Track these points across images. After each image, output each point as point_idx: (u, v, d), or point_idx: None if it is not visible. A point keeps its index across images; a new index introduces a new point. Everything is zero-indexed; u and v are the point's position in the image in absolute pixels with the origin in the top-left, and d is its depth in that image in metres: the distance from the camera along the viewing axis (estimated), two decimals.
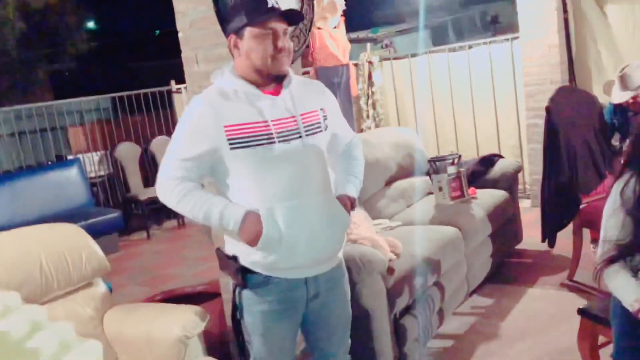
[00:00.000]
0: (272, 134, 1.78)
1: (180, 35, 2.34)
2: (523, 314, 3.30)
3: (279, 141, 1.79)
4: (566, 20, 5.01)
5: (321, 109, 1.93)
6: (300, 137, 1.83)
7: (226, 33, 1.89)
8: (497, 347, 2.96)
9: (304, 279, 1.89)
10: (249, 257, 1.84)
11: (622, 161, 2.12)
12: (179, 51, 2.42)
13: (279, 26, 1.79)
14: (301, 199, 1.81)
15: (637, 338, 1.94)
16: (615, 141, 3.80)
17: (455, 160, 3.91)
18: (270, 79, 1.83)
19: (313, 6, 2.46)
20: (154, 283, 4.73)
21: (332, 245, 1.91)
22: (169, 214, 6.81)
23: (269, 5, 1.78)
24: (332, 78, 4.99)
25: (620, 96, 3.59)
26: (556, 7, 4.96)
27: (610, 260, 2.04)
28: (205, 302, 2.89)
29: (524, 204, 4.83)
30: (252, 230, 1.77)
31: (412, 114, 6.39)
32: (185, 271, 4.95)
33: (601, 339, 2.32)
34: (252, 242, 1.78)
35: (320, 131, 1.91)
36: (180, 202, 1.81)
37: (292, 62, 2.23)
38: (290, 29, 1.89)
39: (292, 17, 1.86)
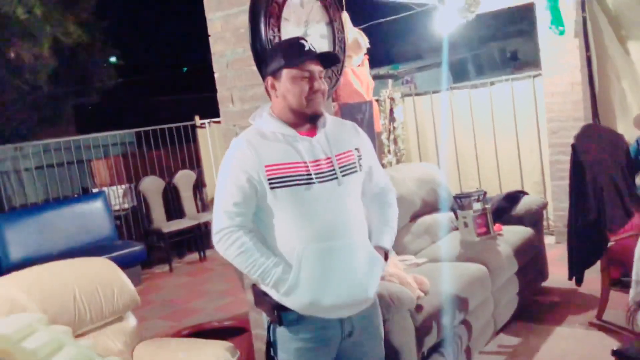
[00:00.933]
0: (310, 174, 1.82)
1: (216, 75, 2.40)
2: (551, 354, 3.25)
3: (318, 182, 1.82)
4: (589, 58, 5.04)
5: (356, 149, 1.96)
6: (336, 177, 1.86)
7: (263, 75, 1.95)
8: None
9: (338, 318, 1.90)
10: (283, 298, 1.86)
11: None
12: (203, 87, 2.47)
13: (315, 68, 1.85)
14: (338, 240, 1.84)
15: None
16: None
17: (481, 197, 3.91)
18: (306, 119, 1.88)
19: (345, 48, 2.52)
20: (176, 316, 4.74)
21: (367, 288, 1.91)
22: (191, 247, 6.86)
23: (306, 48, 1.84)
24: (356, 114, 5.05)
25: None
26: (578, 45, 5.00)
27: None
28: (233, 337, 2.89)
29: (548, 241, 4.79)
30: None
31: (433, 149, 6.41)
32: (207, 304, 4.96)
33: None
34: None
35: (356, 171, 1.93)
36: (238, 257, 1.85)
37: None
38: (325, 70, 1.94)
39: (327, 60, 1.91)
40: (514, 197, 4.27)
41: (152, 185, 6.83)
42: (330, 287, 1.82)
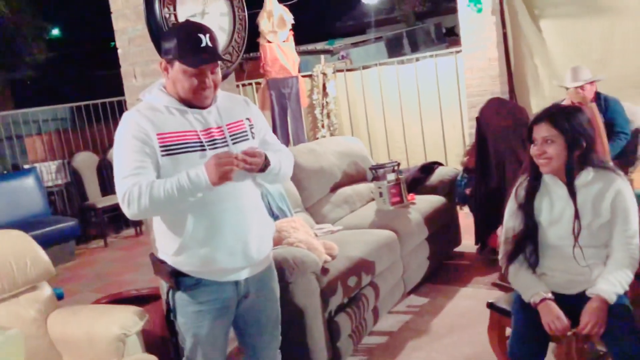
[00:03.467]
0: (202, 142, 1.91)
1: (119, 51, 2.49)
2: (454, 311, 3.52)
3: (209, 149, 1.93)
4: (505, 35, 5.30)
5: (247, 119, 2.07)
6: (227, 144, 1.97)
7: (159, 53, 2.02)
8: (425, 342, 3.17)
9: (233, 281, 2.03)
10: (177, 259, 1.98)
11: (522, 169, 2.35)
12: None
13: (208, 66, 1.89)
14: (229, 202, 1.95)
15: (528, 327, 2.16)
16: None
17: (395, 168, 4.12)
18: (193, 106, 1.95)
19: (245, 26, 2.62)
20: (108, 289, 4.81)
21: (259, 249, 2.04)
22: (128, 222, 6.89)
23: (202, 44, 1.85)
24: (283, 89, 5.19)
25: (570, 84, 3.98)
26: (495, 22, 5.25)
27: (510, 257, 2.27)
28: (149, 304, 3.02)
29: (465, 209, 5.07)
30: (213, 167, 1.79)
31: (364, 123, 6.61)
32: (140, 277, 5.04)
33: (508, 330, 2.53)
34: (226, 175, 1.81)
35: (247, 139, 2.04)
36: (150, 194, 1.80)
37: (225, 78, 2.39)
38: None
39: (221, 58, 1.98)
40: (428, 168, 4.51)
41: (86, 161, 6.81)
42: (222, 247, 1.94)
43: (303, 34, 5.66)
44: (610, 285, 2.08)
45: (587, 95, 3.93)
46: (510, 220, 2.28)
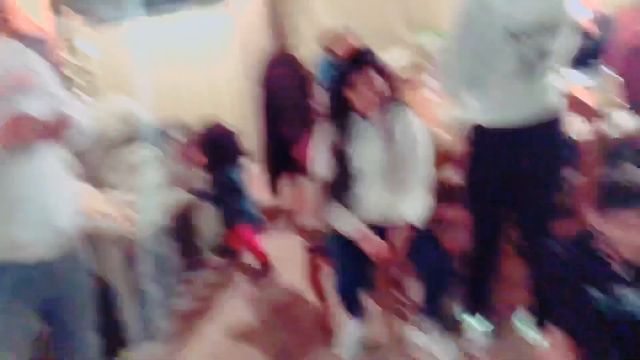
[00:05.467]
0: None
1: None
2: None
3: None
4: None
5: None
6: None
7: None
8: (233, 295, 3.20)
9: (34, 262, 1.77)
10: None
11: (323, 110, 2.44)
12: None
13: None
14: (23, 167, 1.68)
15: (350, 259, 2.31)
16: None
17: (180, 129, 3.97)
18: None
19: None
20: None
21: (63, 220, 1.82)
22: None
23: None
24: (30, 46, 4.55)
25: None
26: None
27: (326, 196, 2.37)
28: None
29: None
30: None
31: (128, 82, 6.17)
32: None
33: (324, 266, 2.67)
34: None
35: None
36: None
37: None
38: None
39: None
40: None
41: None
42: (18, 220, 1.69)
43: None
44: (413, 210, 2.32)
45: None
46: (322, 168, 2.37)
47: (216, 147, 3.51)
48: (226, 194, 3.40)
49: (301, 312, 2.91)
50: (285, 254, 3.54)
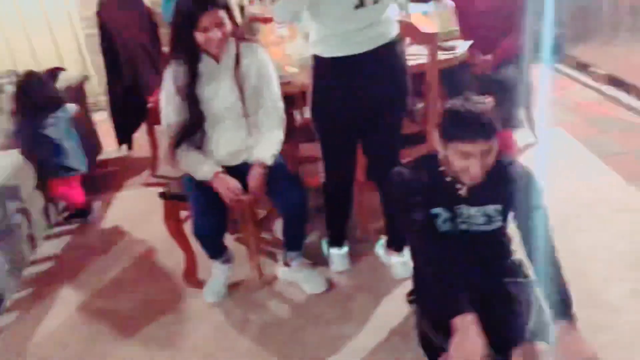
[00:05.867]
0: None
1: None
2: (116, 216, 3.43)
3: None
4: None
5: None
6: None
7: None
8: (100, 260, 3.05)
9: None
10: None
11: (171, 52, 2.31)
12: None
13: None
14: None
15: (208, 203, 2.26)
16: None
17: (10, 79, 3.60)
18: None
19: None
20: None
21: None
22: None
23: None
24: None
25: None
26: None
27: (177, 144, 2.28)
28: None
29: (101, 116, 4.82)
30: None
31: None
32: None
33: (184, 214, 2.61)
34: None
35: None
36: None
37: None
38: None
39: None
40: (52, 75, 4.06)
41: None
42: None
43: None
44: (267, 149, 2.30)
45: None
46: (172, 113, 2.26)
47: (24, 96, 3.21)
48: (35, 146, 3.15)
49: (166, 263, 2.84)
50: (146, 206, 3.42)
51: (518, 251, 1.86)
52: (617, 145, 3.50)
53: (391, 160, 2.38)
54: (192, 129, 2.27)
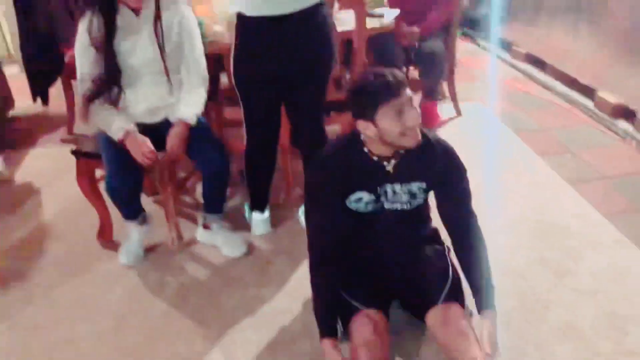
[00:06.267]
0: None
1: None
2: (28, 174, 3.26)
3: None
4: None
5: None
6: None
7: None
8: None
9: None
10: None
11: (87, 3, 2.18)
12: None
13: None
14: None
15: (122, 162, 2.18)
16: None
17: None
18: None
19: None
20: None
21: None
22: None
23: None
24: None
25: None
26: None
27: (90, 98, 2.18)
28: None
29: (11, 70, 4.53)
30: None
31: None
32: None
33: (99, 173, 2.51)
34: None
35: None
36: None
37: None
38: None
39: None
40: None
41: None
42: None
43: None
44: (189, 108, 2.24)
45: None
46: (85, 60, 2.15)
47: None
48: None
49: (80, 223, 2.73)
50: (60, 164, 3.26)
51: (434, 219, 1.92)
52: (533, 122, 3.65)
53: (315, 126, 2.37)
54: (107, 84, 2.17)
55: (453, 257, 1.85)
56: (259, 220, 2.61)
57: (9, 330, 2.13)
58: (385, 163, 1.73)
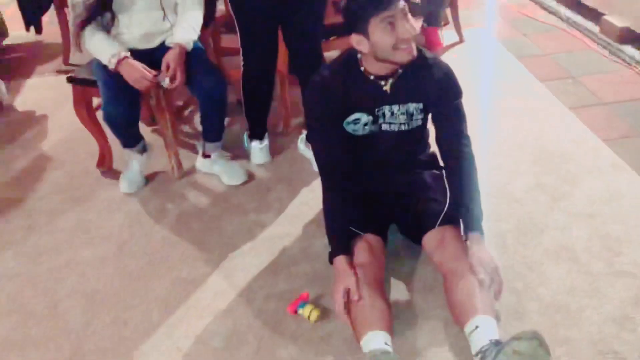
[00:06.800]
0: None
1: None
2: (26, 104, 3.24)
3: None
4: None
5: None
6: None
7: None
8: None
9: None
10: None
11: None
12: None
13: None
14: None
15: (118, 88, 2.15)
16: None
17: None
18: None
19: None
20: None
21: None
22: None
23: None
24: None
25: None
26: None
27: (83, 24, 2.13)
28: None
29: None
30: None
31: None
32: None
33: (95, 101, 2.50)
34: None
35: None
36: None
37: None
38: None
39: None
40: None
41: None
42: None
43: None
44: (186, 32, 2.19)
45: None
46: None
47: None
48: None
49: (79, 152, 2.74)
50: (58, 94, 3.23)
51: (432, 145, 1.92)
52: (536, 48, 3.57)
53: (313, 51, 2.33)
54: (100, 9, 2.12)
55: None
56: (258, 149, 2.60)
57: (14, 257, 2.17)
58: (382, 82, 1.71)
